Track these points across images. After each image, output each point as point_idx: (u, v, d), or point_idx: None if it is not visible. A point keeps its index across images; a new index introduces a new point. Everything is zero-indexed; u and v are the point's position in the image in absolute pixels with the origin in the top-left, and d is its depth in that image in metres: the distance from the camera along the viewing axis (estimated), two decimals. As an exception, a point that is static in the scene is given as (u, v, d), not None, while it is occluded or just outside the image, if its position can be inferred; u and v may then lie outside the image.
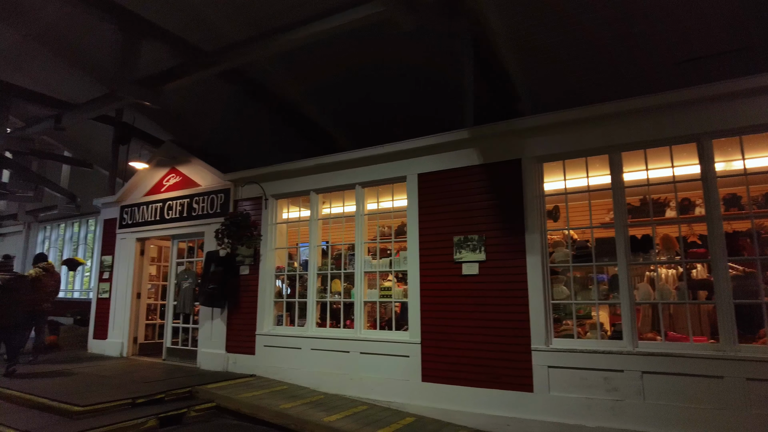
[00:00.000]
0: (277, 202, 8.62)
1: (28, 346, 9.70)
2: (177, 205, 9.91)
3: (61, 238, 20.81)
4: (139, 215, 10.61)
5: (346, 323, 7.44)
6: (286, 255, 8.52)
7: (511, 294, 5.94)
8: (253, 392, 6.84)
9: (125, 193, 11.01)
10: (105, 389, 6.82)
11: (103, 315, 10.81)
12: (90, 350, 10.85)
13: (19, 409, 6.19)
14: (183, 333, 9.49)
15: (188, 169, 9.98)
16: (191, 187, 9.79)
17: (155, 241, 10.85)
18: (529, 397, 5.63)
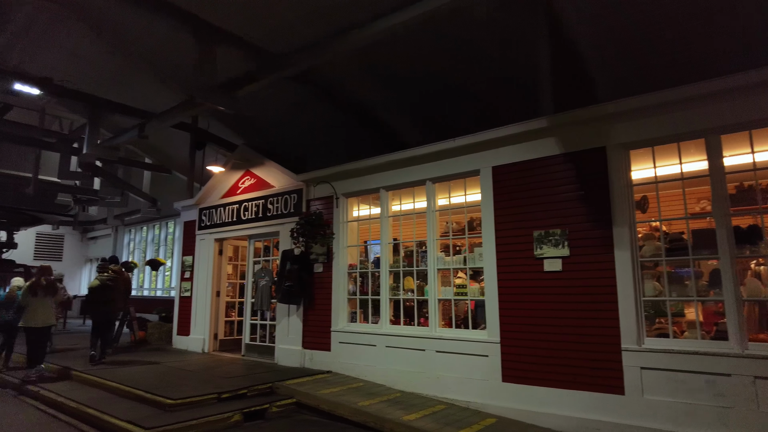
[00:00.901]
0: (347, 201, 8.63)
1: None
2: (252, 206, 10.18)
3: (144, 240, 22.08)
4: (217, 217, 10.99)
5: (420, 321, 7.32)
6: (358, 252, 8.53)
7: (597, 291, 5.59)
8: (331, 389, 6.87)
9: (203, 195, 11.45)
10: (192, 383, 7.08)
11: (186, 312, 11.32)
12: (174, 345, 11.39)
13: (119, 400, 6.54)
14: (261, 329, 9.73)
15: (262, 171, 10.23)
16: (265, 189, 10.02)
17: (232, 241, 11.20)
18: (620, 400, 5.28)
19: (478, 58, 7.69)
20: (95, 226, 22.98)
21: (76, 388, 7.29)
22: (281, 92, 9.96)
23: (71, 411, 6.31)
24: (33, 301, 8.38)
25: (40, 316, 8.37)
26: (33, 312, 8.35)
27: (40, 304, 8.41)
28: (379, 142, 9.86)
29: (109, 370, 7.99)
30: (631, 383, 5.23)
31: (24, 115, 16.76)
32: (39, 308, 8.39)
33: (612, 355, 5.40)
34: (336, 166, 8.57)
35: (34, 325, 8.33)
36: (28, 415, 6.46)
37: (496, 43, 7.21)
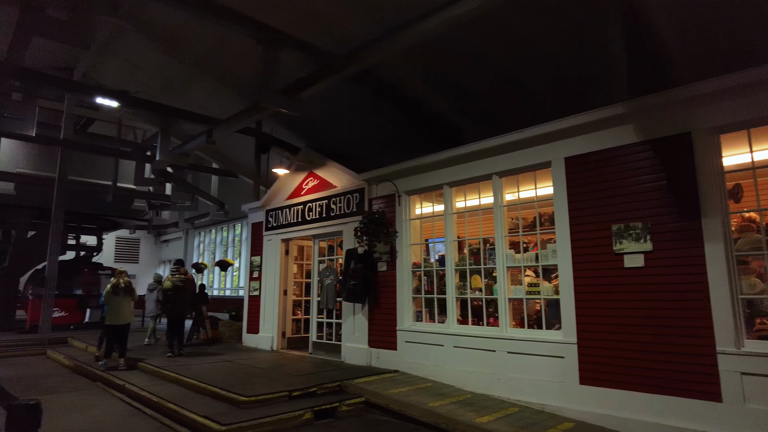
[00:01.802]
0: (410, 199, 8.49)
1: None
2: (316, 207, 10.24)
3: (213, 242, 22.91)
4: (283, 218, 11.16)
5: (489, 321, 7.05)
6: (422, 251, 8.36)
7: (686, 288, 5.13)
8: (399, 388, 6.73)
9: (269, 198, 11.65)
10: (263, 381, 7.15)
11: (255, 311, 11.56)
12: (245, 343, 11.65)
13: (196, 396, 6.70)
14: (327, 328, 9.76)
15: (324, 171, 10.26)
16: (328, 189, 10.05)
17: (298, 241, 11.33)
18: (717, 408, 4.80)
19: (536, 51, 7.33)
20: (168, 230, 24.11)
21: (156, 383, 7.55)
22: (340, 93, 9.95)
23: (153, 404, 6.52)
24: (114, 301, 8.97)
25: (120, 315, 8.96)
26: (114, 311, 8.94)
27: (120, 303, 8.99)
28: (439, 139, 9.65)
29: (186, 367, 8.24)
30: (729, 390, 4.75)
31: (103, 127, 17.82)
32: (119, 307, 8.96)
33: (705, 358, 4.93)
34: (397, 164, 8.44)
35: (115, 322, 8.94)
36: (116, 407, 6.76)
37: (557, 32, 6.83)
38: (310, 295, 10.36)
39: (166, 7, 7.88)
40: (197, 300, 11.96)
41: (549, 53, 7.39)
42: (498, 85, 8.41)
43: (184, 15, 8.12)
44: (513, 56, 7.72)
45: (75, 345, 12.26)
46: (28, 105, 8.48)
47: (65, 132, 13.03)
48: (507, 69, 7.99)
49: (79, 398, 7.18)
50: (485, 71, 8.19)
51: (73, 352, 11.05)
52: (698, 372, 4.96)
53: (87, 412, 6.44)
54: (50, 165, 14.26)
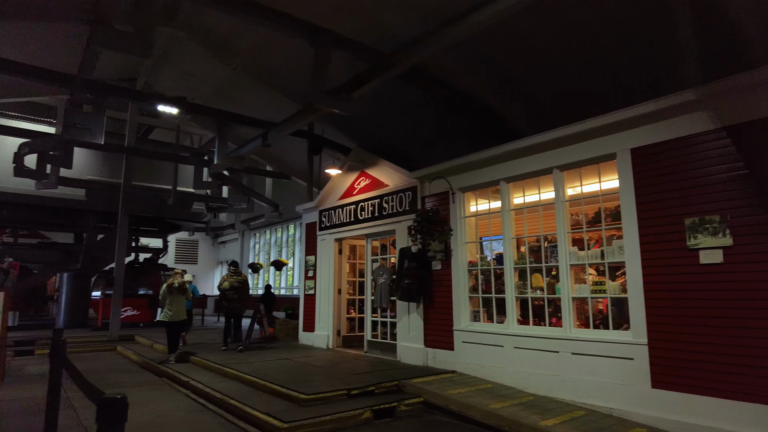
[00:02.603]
0: (464, 196, 8.32)
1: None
2: (368, 206, 10.23)
3: (268, 243, 23.44)
4: (336, 218, 11.22)
5: (551, 321, 6.79)
6: (478, 249, 8.17)
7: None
8: (458, 389, 6.59)
9: (322, 198, 11.75)
10: (322, 379, 7.19)
11: (310, 309, 11.68)
12: (301, 341, 11.81)
13: (257, 393, 6.81)
14: (381, 327, 9.73)
15: (376, 171, 10.24)
16: (380, 188, 10.01)
17: (350, 240, 11.37)
18: (811, 414, 4.39)
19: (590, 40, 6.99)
20: (224, 231, 24.85)
21: (218, 379, 7.73)
22: (390, 91, 9.88)
23: (217, 401, 6.66)
24: (168, 299, 9.66)
25: (172, 312, 9.67)
26: (168, 308, 9.70)
27: (173, 301, 9.72)
28: (492, 134, 9.41)
29: (246, 364, 8.40)
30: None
31: (163, 134, 18.57)
32: (172, 305, 9.69)
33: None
34: (451, 161, 8.28)
35: (167, 319, 9.67)
36: (182, 402, 6.97)
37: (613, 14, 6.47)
38: (364, 293, 10.37)
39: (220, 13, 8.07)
40: (265, 300, 12.59)
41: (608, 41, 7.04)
42: (555, 77, 8.10)
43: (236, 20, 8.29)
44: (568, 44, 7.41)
45: (141, 342, 12.80)
46: (97, 115, 8.93)
47: (129, 140, 13.67)
48: (563, 59, 7.68)
49: (147, 393, 7.46)
50: (539, 62, 7.90)
51: (140, 349, 11.55)
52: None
53: (154, 406, 6.67)
54: (116, 171, 15.01)
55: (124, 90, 10.15)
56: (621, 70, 7.28)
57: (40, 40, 10.38)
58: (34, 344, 11.69)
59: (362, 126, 11.85)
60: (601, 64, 7.38)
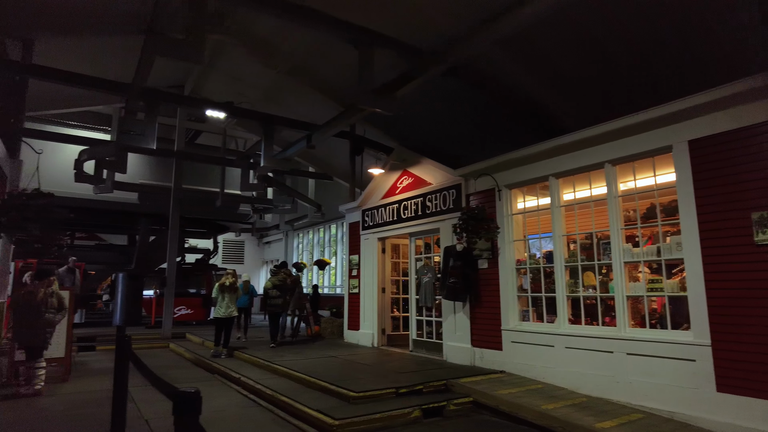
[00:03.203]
0: (510, 192, 8.17)
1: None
2: (411, 205, 10.18)
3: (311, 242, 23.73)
4: (379, 217, 11.23)
5: (604, 320, 6.56)
6: (526, 247, 8.00)
7: None
8: (508, 389, 6.46)
9: (364, 198, 11.79)
10: (369, 377, 7.21)
11: (355, 308, 11.74)
12: (346, 339, 11.88)
13: (306, 390, 6.88)
14: (426, 326, 9.66)
15: (419, 169, 10.19)
16: (423, 187, 9.95)
17: (393, 239, 11.36)
18: None
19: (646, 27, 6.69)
20: (269, 232, 25.36)
21: (268, 376, 7.86)
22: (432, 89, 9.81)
23: (268, 397, 6.76)
24: (219, 297, 10.17)
25: (223, 309, 10.13)
26: (219, 306, 10.16)
27: (224, 299, 10.14)
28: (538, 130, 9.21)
29: (294, 361, 8.52)
30: None
31: (209, 139, 19.10)
32: (223, 303, 10.14)
33: None
34: (496, 157, 8.14)
35: (219, 315, 10.16)
36: (234, 398, 7.12)
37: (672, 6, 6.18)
38: (408, 293, 10.33)
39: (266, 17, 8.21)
40: (312, 299, 12.96)
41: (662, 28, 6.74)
42: (604, 69, 7.83)
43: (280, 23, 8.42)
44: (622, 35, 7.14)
45: (192, 339, 13.15)
46: (149, 121, 9.24)
47: (178, 144, 14.11)
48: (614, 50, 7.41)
49: (201, 388, 7.63)
50: (589, 54, 7.66)
51: (191, 346, 11.87)
52: None
53: (209, 401, 6.83)
54: (166, 175, 15.54)
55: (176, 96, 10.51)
56: (677, 58, 6.96)
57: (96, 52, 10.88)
58: (95, 340, 12.27)
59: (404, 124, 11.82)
60: (658, 52, 7.08)
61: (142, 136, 10.18)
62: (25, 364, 7.17)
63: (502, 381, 7.00)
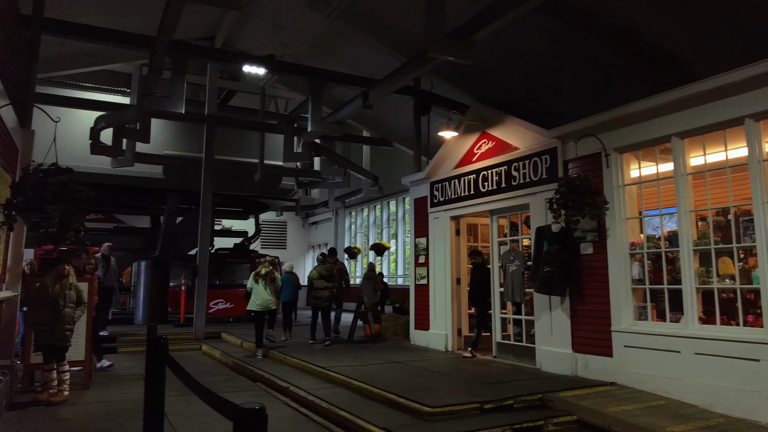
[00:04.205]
0: (621, 158, 7.99)
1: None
2: (492, 175, 10.10)
3: (366, 222, 24.08)
4: (451, 191, 11.22)
5: (746, 319, 6.32)
6: (642, 226, 7.80)
7: None
8: (622, 406, 6.37)
9: (433, 167, 11.79)
10: (446, 388, 7.30)
11: (423, 303, 11.87)
12: (413, 341, 12.06)
13: (368, 402, 7.07)
14: (514, 326, 9.66)
15: (501, 131, 10.08)
16: (507, 152, 9.85)
17: (470, 218, 11.36)
18: None
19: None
20: (316, 210, 25.85)
21: (322, 385, 8.14)
22: (519, 30, 9.61)
23: (323, 411, 6.98)
24: (254, 288, 10.76)
25: (258, 301, 10.71)
26: (254, 297, 10.77)
27: (258, 290, 10.73)
28: (654, 78, 8.86)
29: (353, 368, 8.77)
30: None
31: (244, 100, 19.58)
32: (257, 294, 10.75)
33: None
34: (604, 113, 7.94)
35: (253, 308, 10.76)
36: (281, 412, 7.37)
37: None
38: (490, 285, 10.29)
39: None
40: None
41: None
42: None
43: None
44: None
45: (229, 340, 13.74)
46: (177, 81, 9.60)
47: (210, 107, 14.53)
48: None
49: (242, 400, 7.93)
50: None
51: (228, 348, 12.41)
52: None
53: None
54: (196, 145, 16.07)
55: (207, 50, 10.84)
56: None
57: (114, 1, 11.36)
58: (116, 341, 12.85)
59: (482, 76, 11.68)
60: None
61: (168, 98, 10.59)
62: (43, 368, 7.58)
63: (614, 395, 6.93)
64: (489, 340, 10.18)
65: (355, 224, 25.14)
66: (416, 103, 12.83)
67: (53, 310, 7.40)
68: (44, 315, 7.43)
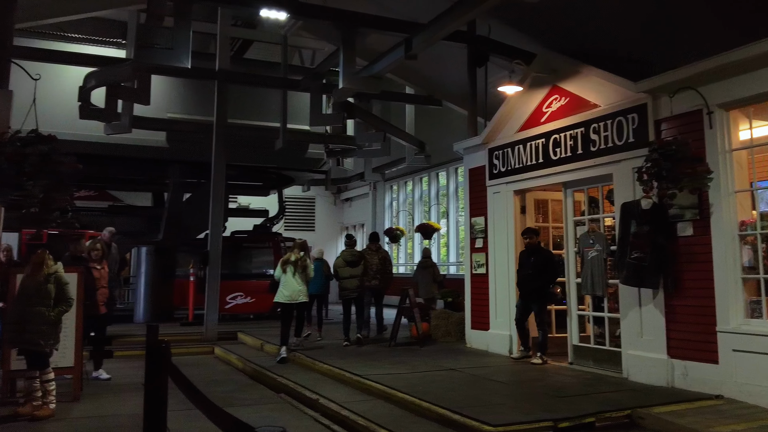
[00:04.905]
0: (728, 116, 7.82)
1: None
2: (566, 139, 10.00)
3: (410, 199, 24.05)
4: (514, 159, 11.14)
5: None
6: (755, 201, 7.68)
7: None
8: (731, 425, 6.24)
9: (492, 131, 11.72)
10: (510, 402, 7.27)
11: (481, 297, 11.83)
12: (469, 344, 12.07)
13: (415, 419, 7.09)
14: (595, 325, 9.58)
15: (577, 84, 9.99)
16: (584, 110, 9.74)
17: (538, 192, 11.29)
18: None
19: None
20: (350, 185, 25.93)
21: (358, 398, 8.19)
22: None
23: (360, 430, 7.02)
24: (282, 278, 11.14)
25: (285, 293, 11.08)
26: (282, 289, 11.13)
27: (286, 280, 11.07)
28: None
29: (397, 376, 8.83)
30: None
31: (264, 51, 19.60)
32: (285, 284, 11.10)
33: None
34: (706, 60, 7.72)
35: (280, 300, 11.22)
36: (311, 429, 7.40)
37: None
38: (565, 274, 10.19)
39: None
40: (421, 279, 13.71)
41: None
42: None
43: None
44: None
45: (246, 341, 13.97)
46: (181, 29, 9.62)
47: (221, 61, 14.58)
48: None
49: (264, 415, 7.97)
50: None
51: (246, 351, 12.61)
52: None
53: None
54: (205, 106, 16.21)
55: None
56: None
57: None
58: (111, 343, 12.94)
59: (552, 17, 11.42)
60: None
61: (171, 50, 10.66)
62: (25, 375, 7.66)
63: (720, 411, 6.81)
64: (556, 343, 10.22)
65: (397, 201, 25.21)
66: (470, 52, 12.68)
67: (24, 307, 7.37)
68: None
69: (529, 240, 10.28)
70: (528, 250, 10.29)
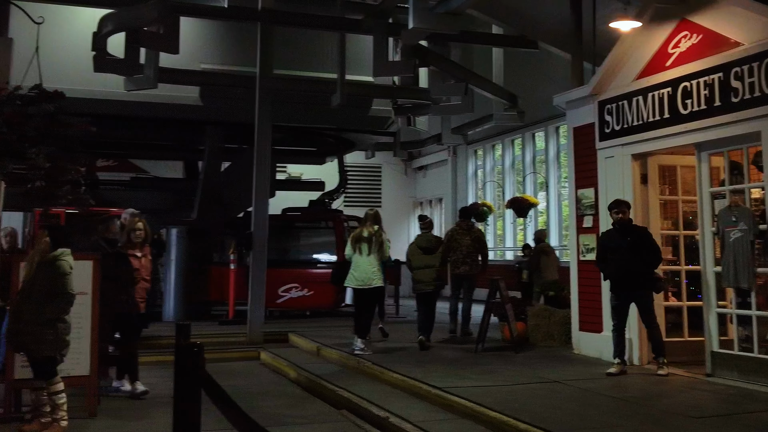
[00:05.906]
0: None
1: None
2: (699, 87, 9.72)
3: (498, 167, 23.81)
4: (633, 114, 10.92)
5: None
6: None
7: None
8: None
9: (603, 78, 11.50)
10: (632, 425, 7.15)
11: (591, 290, 11.62)
12: (576, 349, 11.91)
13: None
14: (740, 325, 9.36)
15: (712, 17, 9.72)
16: (723, 50, 9.45)
17: (663, 156, 11.07)
18: None
19: None
20: (424, 150, 25.85)
21: (438, 415, 8.12)
22: None
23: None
24: (353, 258, 11.57)
25: (357, 276, 11.52)
26: (353, 271, 11.57)
27: (360, 261, 11.46)
28: None
29: (486, 390, 8.78)
30: None
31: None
32: (358, 266, 11.49)
33: None
34: None
35: (352, 285, 11.71)
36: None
37: None
38: (700, 261, 9.94)
39: None
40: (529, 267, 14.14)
41: None
42: None
43: None
44: None
45: (298, 344, 14.09)
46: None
47: (263, 0, 14.63)
48: None
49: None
50: None
51: (298, 357, 12.67)
52: None
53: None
54: (246, 56, 16.33)
55: None
56: None
57: None
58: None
59: None
60: None
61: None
62: (32, 386, 7.60)
63: None
64: (690, 350, 10.15)
65: (483, 169, 25.02)
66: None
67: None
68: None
69: (621, 215, 10.05)
70: (619, 229, 10.07)
